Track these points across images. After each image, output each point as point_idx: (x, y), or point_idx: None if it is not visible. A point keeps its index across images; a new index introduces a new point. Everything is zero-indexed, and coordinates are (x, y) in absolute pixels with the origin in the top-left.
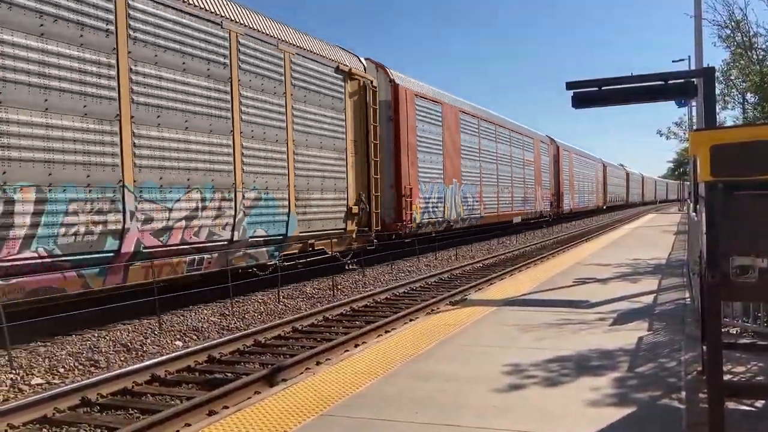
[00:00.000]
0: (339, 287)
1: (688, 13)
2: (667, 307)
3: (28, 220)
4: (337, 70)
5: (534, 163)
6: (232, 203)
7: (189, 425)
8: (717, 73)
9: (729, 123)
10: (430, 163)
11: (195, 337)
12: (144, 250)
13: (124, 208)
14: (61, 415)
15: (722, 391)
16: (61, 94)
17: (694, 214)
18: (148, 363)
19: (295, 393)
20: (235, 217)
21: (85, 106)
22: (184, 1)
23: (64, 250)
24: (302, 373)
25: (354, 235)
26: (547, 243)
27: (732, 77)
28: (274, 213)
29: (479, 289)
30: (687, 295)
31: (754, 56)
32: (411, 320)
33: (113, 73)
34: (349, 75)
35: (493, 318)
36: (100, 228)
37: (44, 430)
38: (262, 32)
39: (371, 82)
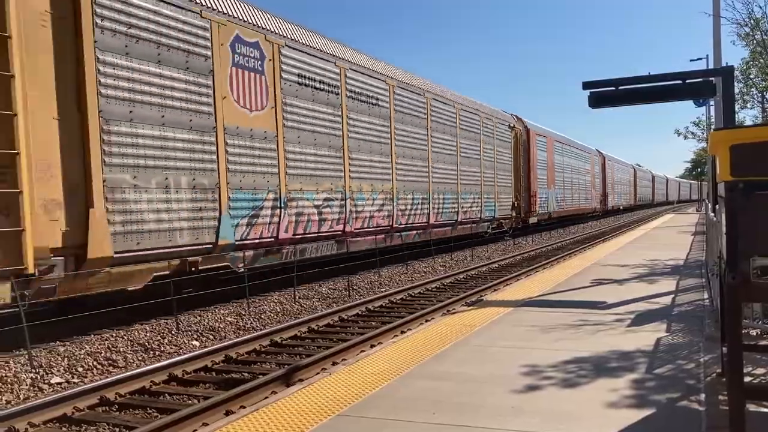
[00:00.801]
0: (354, 287)
1: (706, 12)
2: (685, 308)
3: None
4: (508, 126)
5: (590, 172)
6: (480, 200)
7: (206, 425)
8: (736, 72)
9: (748, 122)
10: (542, 175)
11: (212, 337)
12: (462, 221)
13: (458, 201)
14: (81, 414)
15: (743, 393)
16: (458, 159)
17: (712, 214)
18: (165, 363)
19: (311, 393)
20: (480, 206)
21: (455, 163)
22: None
23: (445, 218)
24: (318, 373)
25: (513, 218)
26: (564, 244)
27: (751, 76)
28: (490, 204)
29: (495, 290)
30: (706, 296)
31: None
32: (427, 321)
33: (454, 146)
34: (512, 128)
35: (509, 319)
36: (452, 210)
37: (64, 428)
38: (492, 116)
39: (520, 130)
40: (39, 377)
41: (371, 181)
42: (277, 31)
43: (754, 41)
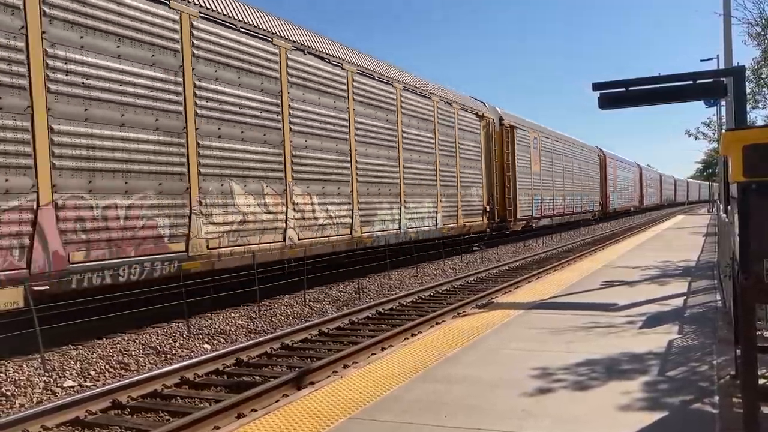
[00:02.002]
0: (364, 290)
1: (717, 12)
2: (697, 310)
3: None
4: (596, 155)
5: (633, 179)
6: (587, 199)
7: (218, 428)
8: (747, 72)
9: (760, 122)
10: (611, 184)
11: (223, 340)
12: (582, 211)
13: (581, 200)
14: (93, 417)
15: (757, 395)
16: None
17: (724, 215)
18: (177, 366)
19: (322, 396)
20: (588, 202)
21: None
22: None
23: (576, 210)
24: (329, 376)
25: (599, 211)
26: (574, 246)
27: (763, 76)
28: (590, 202)
29: (506, 293)
30: (718, 297)
31: None
32: (437, 323)
33: (579, 170)
34: (598, 156)
35: (520, 321)
36: (578, 205)
37: (76, 431)
38: (592, 150)
39: (602, 157)
40: (52, 380)
41: (561, 191)
42: (538, 129)
43: (766, 41)
